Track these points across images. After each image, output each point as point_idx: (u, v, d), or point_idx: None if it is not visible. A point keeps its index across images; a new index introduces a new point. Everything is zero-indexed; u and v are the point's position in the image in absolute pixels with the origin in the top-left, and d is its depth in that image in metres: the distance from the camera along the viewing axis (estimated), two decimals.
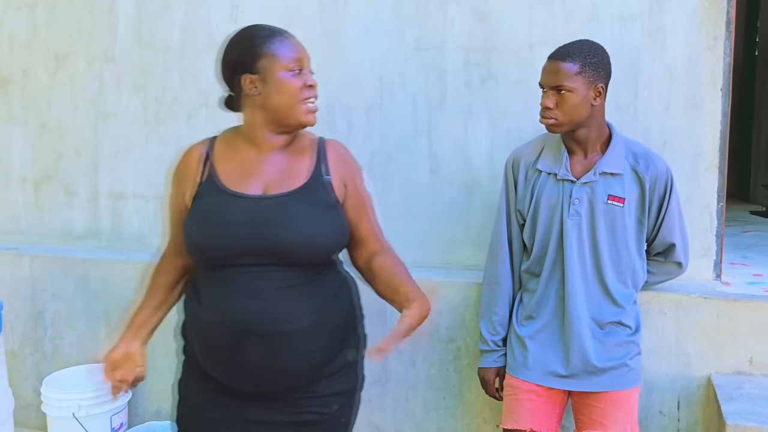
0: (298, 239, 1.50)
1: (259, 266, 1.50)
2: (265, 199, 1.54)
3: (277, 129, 1.58)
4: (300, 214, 1.52)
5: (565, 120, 1.77)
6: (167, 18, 2.65)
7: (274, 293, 1.51)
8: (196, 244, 1.55)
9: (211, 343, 1.56)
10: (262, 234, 1.50)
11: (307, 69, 1.59)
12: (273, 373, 1.53)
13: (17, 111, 2.91)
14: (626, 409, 1.86)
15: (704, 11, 2.13)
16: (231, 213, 1.52)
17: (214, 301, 1.54)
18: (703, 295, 2.10)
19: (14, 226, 2.97)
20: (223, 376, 1.57)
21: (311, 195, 1.55)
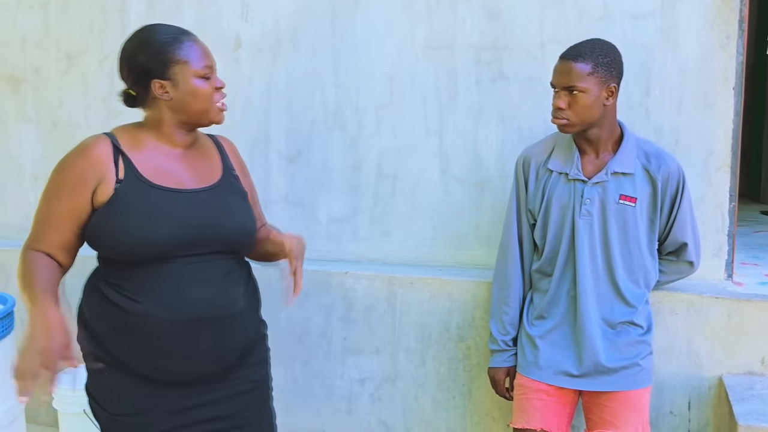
0: (236, 228, 1.63)
1: (202, 256, 1.58)
2: (197, 191, 1.61)
3: (188, 128, 1.66)
4: (232, 205, 1.65)
5: (577, 120, 1.76)
6: (178, 17, 2.65)
7: (219, 280, 1.60)
8: (135, 239, 1.52)
9: (158, 340, 1.54)
10: (204, 224, 1.57)
11: (215, 71, 1.65)
12: (219, 354, 1.62)
13: (29, 109, 2.92)
14: (637, 409, 1.86)
15: (717, 9, 2.11)
16: (170, 207, 1.56)
17: (161, 295, 1.54)
18: (715, 295, 2.09)
19: (26, 224, 2.93)
20: (166, 371, 1.57)
21: (231, 187, 1.68)
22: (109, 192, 1.55)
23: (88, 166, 1.56)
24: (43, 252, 1.57)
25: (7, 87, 2.94)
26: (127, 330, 1.55)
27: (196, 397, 1.61)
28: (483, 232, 2.40)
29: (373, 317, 2.41)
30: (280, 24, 2.53)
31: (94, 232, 1.57)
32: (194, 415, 1.62)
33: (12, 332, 2.29)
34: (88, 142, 1.61)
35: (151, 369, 1.57)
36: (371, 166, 2.49)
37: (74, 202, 1.55)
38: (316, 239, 2.57)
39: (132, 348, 1.56)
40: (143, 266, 1.54)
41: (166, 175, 1.59)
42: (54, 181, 1.59)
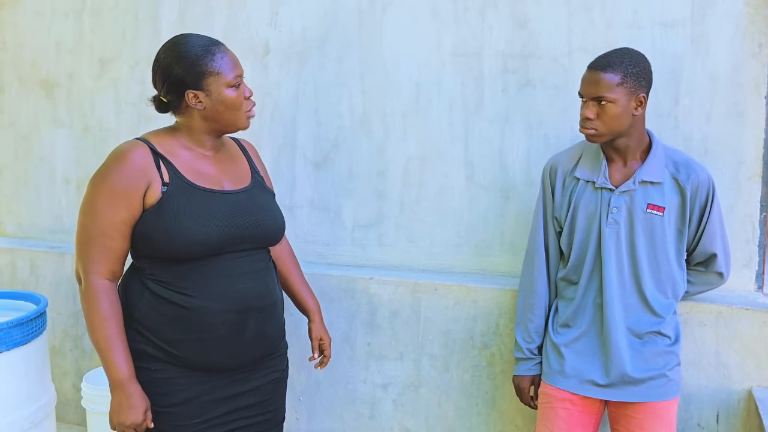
0: (273, 225, 1.78)
1: (245, 251, 1.72)
2: (237, 193, 1.73)
3: (217, 134, 1.76)
4: (267, 205, 1.79)
5: (605, 131, 1.76)
6: (208, 23, 2.70)
7: (260, 272, 1.75)
8: (189, 239, 1.60)
9: (212, 331, 1.65)
10: (249, 223, 1.71)
11: (243, 80, 1.73)
12: (261, 341, 1.75)
13: (62, 113, 2.99)
14: (665, 421, 1.84)
15: (749, 18, 2.09)
16: (216, 207, 1.67)
17: (214, 288, 1.65)
18: (745, 307, 2.06)
19: (58, 226, 3.05)
20: (220, 356, 1.68)
21: (262, 188, 1.82)
22: (156, 195, 1.62)
23: (135, 171, 1.61)
24: (106, 278, 1.62)
25: (42, 92, 3.01)
26: (183, 323, 1.64)
27: (237, 386, 1.74)
28: (508, 240, 2.39)
29: (398, 323, 2.42)
30: (308, 31, 2.56)
31: (145, 234, 1.63)
32: (235, 404, 1.74)
33: (44, 332, 2.33)
34: (124, 148, 1.66)
35: (204, 358, 1.68)
36: (397, 172, 2.50)
37: (130, 208, 1.60)
38: (341, 245, 2.59)
39: (186, 341, 1.65)
40: (193, 263, 1.64)
41: (205, 177, 1.70)
42: (100, 193, 1.60)
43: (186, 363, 1.67)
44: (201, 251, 1.63)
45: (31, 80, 3.03)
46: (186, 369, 1.67)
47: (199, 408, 1.69)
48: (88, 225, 1.62)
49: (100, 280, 1.62)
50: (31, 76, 3.02)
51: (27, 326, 2.20)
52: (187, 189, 1.65)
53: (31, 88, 3.03)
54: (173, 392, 1.66)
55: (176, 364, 1.67)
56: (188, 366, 1.67)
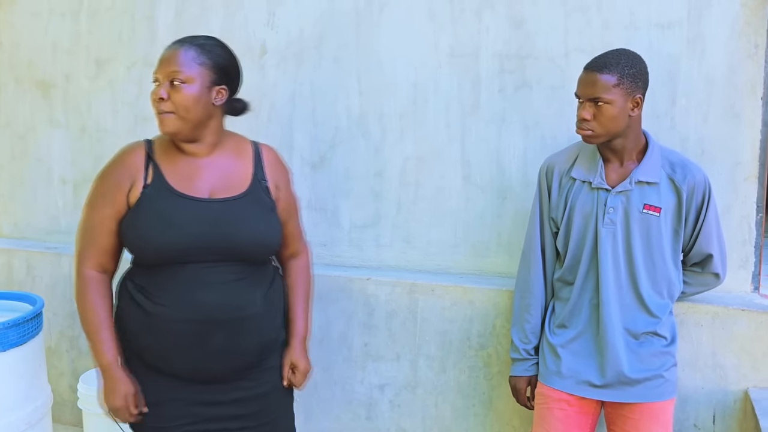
0: (249, 239, 1.66)
1: (213, 262, 1.63)
2: (214, 202, 1.65)
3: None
4: (249, 217, 1.67)
5: (602, 132, 1.76)
6: (205, 24, 2.70)
7: (230, 285, 1.65)
8: (154, 242, 1.61)
9: (171, 338, 1.63)
10: (217, 234, 1.62)
11: (167, 81, 1.62)
12: (232, 356, 1.67)
13: (59, 114, 2.99)
14: (661, 422, 1.84)
15: (745, 18, 2.09)
16: (184, 214, 1.62)
17: (174, 297, 1.63)
18: (741, 307, 2.06)
19: (54, 227, 3.05)
20: (182, 368, 1.66)
21: (255, 199, 1.70)
22: (137, 196, 1.64)
23: (123, 170, 1.66)
24: (95, 270, 1.68)
25: (38, 92, 3.01)
26: (147, 328, 1.65)
27: (215, 395, 1.69)
28: (504, 240, 2.40)
29: (394, 324, 2.42)
30: (305, 31, 2.56)
31: (123, 232, 1.66)
32: (213, 412, 1.69)
33: (41, 332, 2.33)
34: (124, 148, 1.72)
35: (167, 365, 1.67)
36: (394, 173, 2.50)
37: (115, 204, 1.65)
38: (338, 245, 2.59)
39: (150, 345, 1.66)
40: (162, 268, 1.63)
41: (191, 183, 1.66)
42: (96, 189, 1.69)
43: (155, 366, 1.67)
44: (162, 257, 1.62)
45: (27, 80, 3.02)
46: (153, 372, 1.68)
47: (175, 410, 1.67)
48: (83, 218, 1.70)
49: (89, 270, 1.68)
50: (28, 77, 3.02)
51: (23, 327, 2.20)
52: (163, 193, 1.63)
53: (27, 89, 3.03)
54: (147, 392, 1.68)
55: (145, 365, 1.69)
56: (155, 369, 1.67)
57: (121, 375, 1.65)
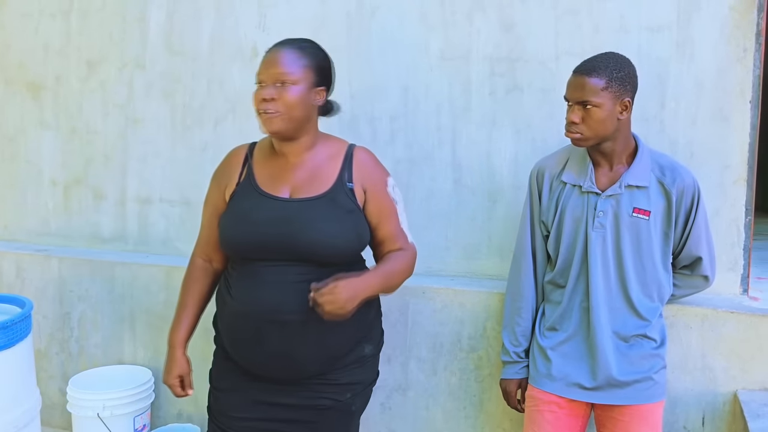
0: (315, 240, 1.65)
1: (280, 261, 1.66)
2: (291, 201, 1.69)
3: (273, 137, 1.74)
4: (320, 218, 1.67)
5: (590, 134, 1.76)
6: (197, 26, 2.69)
7: (294, 286, 1.64)
8: (227, 238, 1.73)
9: (236, 331, 1.71)
10: (283, 233, 1.65)
11: (271, 83, 1.67)
12: (290, 360, 1.68)
13: (49, 116, 2.97)
14: (651, 424, 1.84)
15: (734, 22, 2.11)
16: (258, 212, 1.68)
17: (241, 292, 1.70)
18: (730, 310, 2.07)
19: (44, 229, 3.03)
20: (246, 361, 1.72)
21: (333, 200, 1.70)
22: (230, 193, 1.77)
23: (224, 170, 1.82)
24: (201, 258, 1.86)
25: (28, 94, 3.00)
26: (223, 316, 1.78)
27: (275, 396, 1.72)
28: (495, 243, 2.40)
29: (385, 326, 2.40)
30: (296, 34, 2.54)
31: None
32: (273, 412, 1.73)
33: (29, 335, 2.31)
34: (231, 150, 1.85)
35: (235, 355, 1.75)
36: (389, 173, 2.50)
37: (216, 201, 1.80)
38: None
39: (225, 333, 1.78)
40: (239, 263, 1.73)
41: (275, 182, 1.72)
42: (209, 188, 1.85)
43: (229, 355, 1.77)
44: (234, 252, 1.73)
45: (17, 82, 3.01)
46: (228, 360, 1.78)
47: (238, 400, 1.75)
48: (202, 213, 1.87)
49: (196, 258, 1.86)
50: (18, 78, 3.00)
51: (11, 329, 2.18)
52: (248, 191, 1.73)
53: (17, 90, 3.01)
54: (220, 376, 1.81)
55: (224, 352, 1.80)
56: (231, 359, 1.77)
57: (179, 356, 1.79)
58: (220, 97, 2.70)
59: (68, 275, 2.84)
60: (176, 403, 2.71)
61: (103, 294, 2.79)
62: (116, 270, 2.76)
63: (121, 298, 2.76)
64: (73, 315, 2.85)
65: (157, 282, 2.70)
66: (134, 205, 2.87)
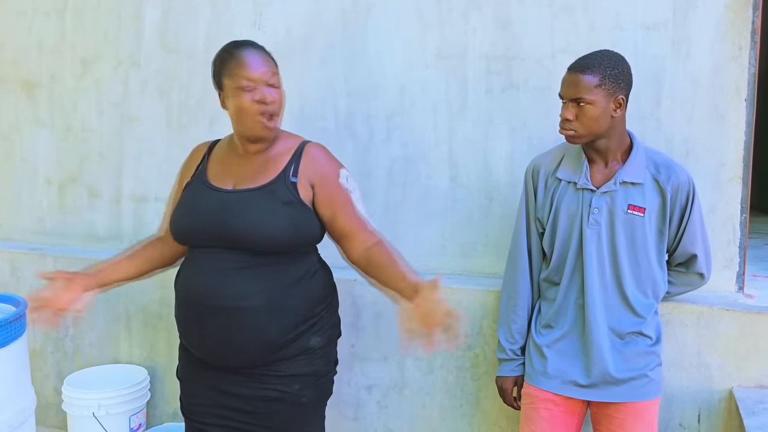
0: (246, 228, 1.67)
1: (218, 249, 1.70)
2: (231, 192, 1.73)
3: (246, 138, 1.76)
4: (253, 207, 1.69)
5: (584, 132, 1.77)
6: (192, 24, 2.69)
7: (228, 272, 1.68)
8: (172, 226, 1.80)
9: (182, 317, 1.76)
10: (218, 221, 1.69)
11: (262, 84, 1.67)
12: (229, 346, 1.69)
13: (44, 114, 2.96)
14: (646, 421, 1.84)
15: (729, 21, 2.11)
16: (200, 202, 1.74)
17: (183, 278, 1.77)
18: (726, 307, 2.07)
19: (39, 227, 3.02)
20: (193, 348, 1.77)
21: (271, 192, 1.71)
22: (183, 186, 1.84)
23: (185, 166, 1.90)
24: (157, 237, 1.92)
25: (23, 92, 2.98)
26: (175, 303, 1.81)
27: (226, 384, 1.74)
28: (492, 241, 2.40)
29: (381, 325, 2.41)
30: (292, 32, 2.55)
31: None
32: (226, 400, 1.75)
33: (24, 334, 2.30)
34: (196, 147, 1.93)
35: (184, 340, 1.81)
36: (381, 173, 2.50)
37: (176, 192, 1.87)
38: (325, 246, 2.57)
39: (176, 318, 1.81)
40: (187, 252, 1.81)
41: (223, 176, 1.78)
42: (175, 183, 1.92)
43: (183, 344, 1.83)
44: (177, 239, 1.79)
45: (12, 80, 3.00)
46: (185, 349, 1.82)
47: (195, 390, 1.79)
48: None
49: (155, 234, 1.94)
50: (12, 76, 2.99)
51: (5, 329, 2.17)
52: (197, 184, 1.79)
53: (12, 89, 3.00)
54: (180, 365, 1.86)
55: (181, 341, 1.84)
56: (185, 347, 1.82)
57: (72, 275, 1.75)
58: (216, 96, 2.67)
59: None
60: (172, 401, 2.70)
61: None
62: None
63: (117, 297, 2.75)
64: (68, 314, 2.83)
65: (153, 281, 2.65)
66: (129, 204, 2.86)
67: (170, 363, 2.69)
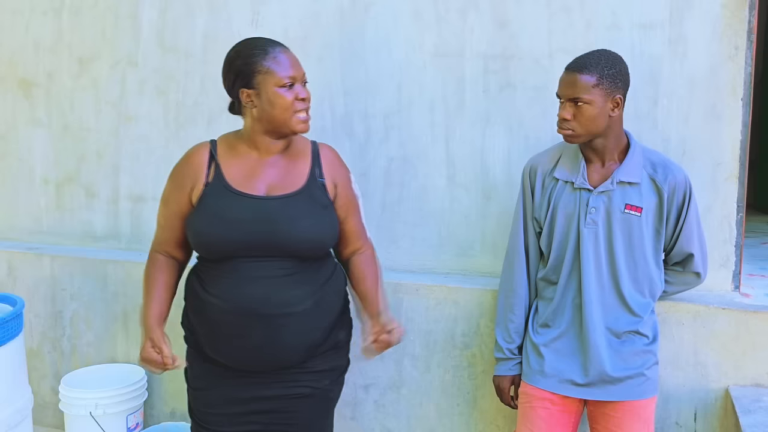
0: (299, 237, 1.69)
1: (262, 257, 1.68)
2: (270, 199, 1.70)
3: (274, 135, 1.74)
4: (301, 215, 1.70)
5: (582, 131, 1.77)
6: (190, 23, 2.68)
7: (277, 280, 1.69)
8: (203, 239, 1.71)
9: (217, 327, 1.71)
10: (267, 231, 1.67)
11: (299, 82, 1.71)
12: (275, 351, 1.71)
13: (41, 113, 2.96)
14: (643, 419, 1.85)
15: (726, 20, 2.11)
16: (235, 211, 1.68)
17: (223, 289, 1.70)
18: (722, 306, 2.08)
19: (36, 227, 3.02)
20: (227, 357, 1.73)
21: (309, 196, 1.74)
22: (198, 193, 1.74)
23: (187, 171, 1.77)
24: (162, 253, 1.83)
25: (20, 91, 2.98)
26: (201, 316, 1.75)
27: (252, 390, 1.74)
28: (489, 240, 2.40)
29: None
30: (289, 31, 2.55)
31: (185, 228, 1.75)
32: (250, 406, 1.74)
33: (21, 333, 2.30)
34: (191, 149, 1.82)
35: (215, 353, 1.75)
36: (379, 173, 2.50)
37: (179, 203, 1.76)
38: None
39: (203, 332, 1.76)
40: (216, 262, 1.72)
41: (249, 181, 1.72)
42: (166, 188, 1.82)
43: (205, 354, 1.76)
44: (215, 252, 1.71)
45: (8, 79, 2.99)
46: (206, 359, 1.77)
47: (215, 398, 1.75)
48: (158, 212, 1.84)
49: (155, 254, 1.83)
50: (9, 75, 2.99)
51: (2, 328, 2.17)
52: (221, 191, 1.71)
53: (8, 88, 2.99)
54: (196, 375, 1.80)
55: (200, 352, 1.78)
56: (207, 357, 1.76)
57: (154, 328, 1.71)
58: (214, 95, 2.69)
59: (60, 274, 2.82)
60: (169, 401, 2.70)
61: (95, 292, 2.78)
62: (109, 268, 2.75)
63: (114, 297, 2.75)
64: (66, 313, 2.84)
65: None
66: (127, 203, 2.86)
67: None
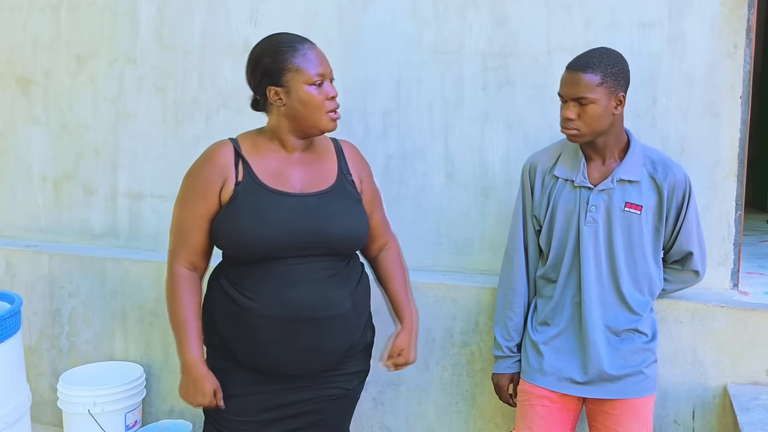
0: (341, 233, 1.66)
1: (305, 257, 1.64)
2: (306, 196, 1.66)
3: (301, 134, 1.70)
4: (339, 211, 1.68)
5: (587, 131, 1.77)
6: (188, 20, 2.68)
7: (321, 282, 1.65)
8: (248, 239, 1.62)
9: (258, 333, 1.64)
10: (309, 228, 1.63)
11: (327, 80, 1.68)
12: (319, 355, 1.67)
13: (39, 111, 2.95)
14: (642, 417, 1.85)
15: (724, 18, 2.11)
16: (275, 210, 1.63)
17: (266, 293, 1.63)
18: (720, 304, 2.08)
19: (34, 224, 3.01)
20: (266, 363, 1.67)
21: (343, 192, 1.72)
22: (229, 193, 1.66)
23: (214, 170, 1.67)
24: (185, 267, 1.70)
25: (18, 89, 2.97)
26: (237, 321, 1.66)
27: (287, 395, 1.70)
28: (488, 238, 2.40)
29: (377, 321, 2.40)
30: (288, 28, 2.51)
31: (216, 229, 1.67)
32: (284, 412, 1.71)
33: (18, 331, 2.30)
34: (212, 148, 1.73)
35: (253, 359, 1.67)
36: (377, 170, 2.48)
37: (206, 204, 1.67)
38: None
39: (239, 338, 1.67)
40: (254, 264, 1.64)
41: (281, 179, 1.67)
42: (186, 189, 1.71)
43: (238, 360, 1.69)
44: (256, 252, 1.63)
45: (6, 77, 2.98)
46: (238, 366, 1.69)
47: (246, 407, 1.70)
48: (175, 217, 1.72)
49: (180, 268, 1.69)
50: (7, 73, 2.98)
51: (0, 326, 2.17)
52: (256, 189, 1.65)
53: (6, 85, 2.99)
54: (225, 384, 1.69)
55: (233, 358, 1.70)
56: (240, 364, 1.69)
57: (205, 372, 1.65)
58: (212, 92, 2.68)
59: (59, 271, 2.82)
60: (168, 399, 2.70)
61: (93, 290, 2.77)
62: (107, 266, 2.75)
63: (112, 294, 2.75)
64: (64, 311, 2.83)
65: (149, 278, 2.69)
66: (125, 201, 2.85)
67: (166, 360, 2.69)
